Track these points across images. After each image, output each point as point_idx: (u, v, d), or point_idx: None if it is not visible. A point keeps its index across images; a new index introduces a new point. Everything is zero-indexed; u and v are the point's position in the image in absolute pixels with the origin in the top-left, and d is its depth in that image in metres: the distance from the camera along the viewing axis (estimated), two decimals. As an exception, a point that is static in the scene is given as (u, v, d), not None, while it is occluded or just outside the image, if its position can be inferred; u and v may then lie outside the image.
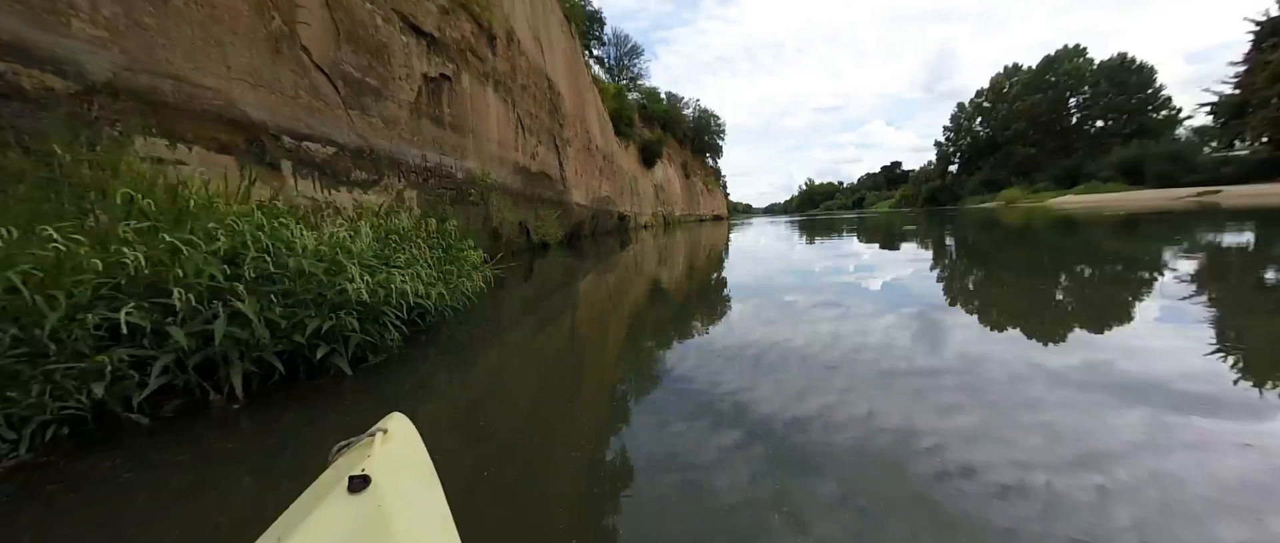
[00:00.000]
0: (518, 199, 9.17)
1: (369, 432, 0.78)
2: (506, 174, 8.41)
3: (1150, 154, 36.55)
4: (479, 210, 7.30)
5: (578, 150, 14.31)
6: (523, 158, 9.05)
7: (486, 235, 7.64)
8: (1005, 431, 1.35)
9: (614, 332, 2.98)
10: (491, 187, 7.70)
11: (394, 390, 2.02)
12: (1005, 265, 5.10)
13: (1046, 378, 1.73)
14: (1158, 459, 1.18)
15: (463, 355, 2.65)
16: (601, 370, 2.21)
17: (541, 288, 5.78)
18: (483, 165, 7.30)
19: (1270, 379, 1.67)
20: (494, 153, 7.81)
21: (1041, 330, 2.39)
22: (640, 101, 36.92)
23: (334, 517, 0.58)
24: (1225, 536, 0.91)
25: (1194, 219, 10.28)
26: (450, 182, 6.49)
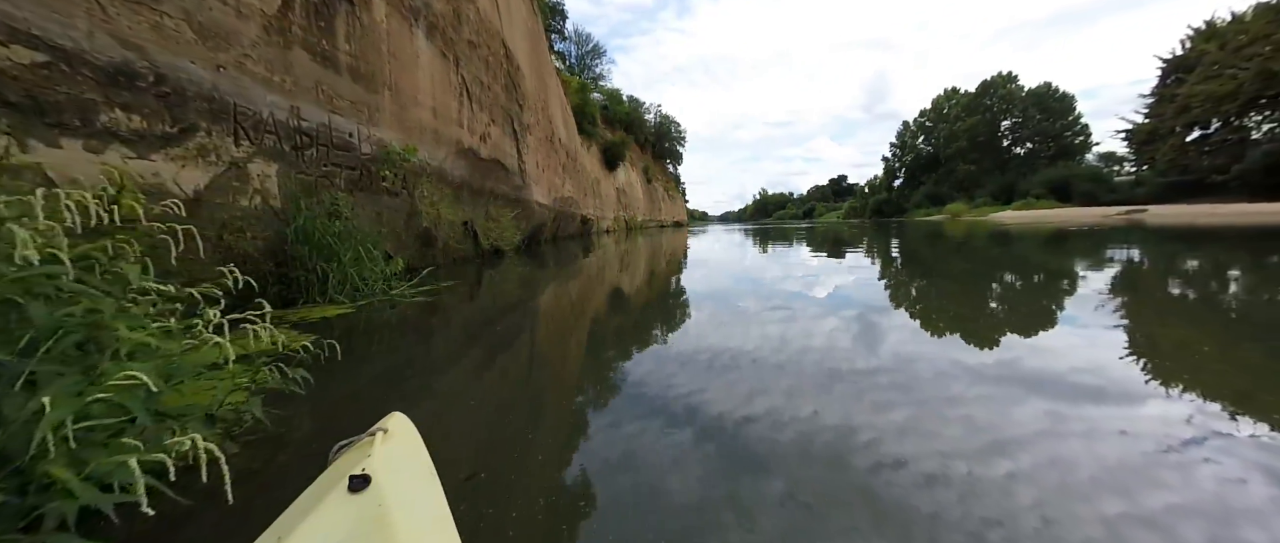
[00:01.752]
0: (461, 191, 6.92)
1: (369, 431, 0.76)
2: (445, 156, 6.15)
3: (1076, 174, 39.63)
4: (399, 202, 5.03)
5: (540, 141, 12.13)
6: (469, 137, 6.82)
7: (413, 238, 5.37)
8: (931, 424, 1.45)
9: (576, 350, 2.55)
10: (420, 170, 5.44)
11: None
12: (942, 274, 5.33)
13: (967, 375, 1.87)
14: (1054, 445, 1.32)
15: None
16: (562, 389, 1.92)
17: (490, 310, 3.81)
18: (406, 137, 5.05)
19: (1144, 373, 1.88)
20: (425, 124, 5.55)
21: (965, 332, 2.54)
22: (602, 102, 35.27)
23: (334, 516, 0.57)
24: (1106, 509, 1.03)
25: (1123, 234, 10.89)
26: (347, 156, 4.22)
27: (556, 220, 14.79)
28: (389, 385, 1.94)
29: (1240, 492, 1.10)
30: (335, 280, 3.53)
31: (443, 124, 5.97)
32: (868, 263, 6.60)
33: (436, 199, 5.73)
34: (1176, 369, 1.95)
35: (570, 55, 41.05)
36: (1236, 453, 1.26)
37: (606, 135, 32.26)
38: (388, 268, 4.18)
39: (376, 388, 1.91)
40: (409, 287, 4.02)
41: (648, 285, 5.02)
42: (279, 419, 1.53)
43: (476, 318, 3.46)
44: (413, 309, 3.51)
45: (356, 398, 1.82)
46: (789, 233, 19.04)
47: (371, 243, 3.97)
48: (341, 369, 2.02)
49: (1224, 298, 3.52)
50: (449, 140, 6.17)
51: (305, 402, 1.69)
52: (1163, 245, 7.79)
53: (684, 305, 3.72)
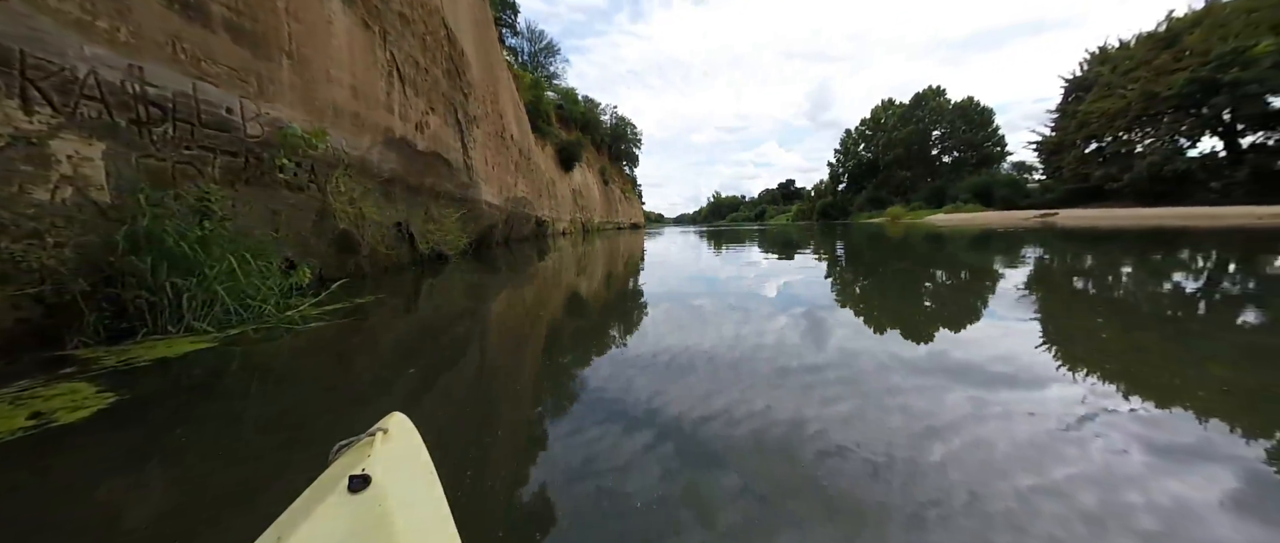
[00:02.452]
0: (393, 188, 5.95)
1: (369, 431, 0.77)
2: (370, 145, 5.19)
3: (997, 181, 43.35)
4: (305, 199, 4.08)
5: (489, 136, 11.16)
6: (402, 125, 5.87)
7: (326, 243, 4.42)
8: (873, 413, 1.54)
9: (531, 358, 2.39)
10: (335, 161, 4.49)
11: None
12: (881, 272, 5.61)
13: (902, 367, 1.98)
14: (976, 428, 1.44)
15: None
16: (517, 397, 1.84)
17: (431, 323, 3.23)
18: (314, 119, 4.11)
19: (1052, 359, 2.08)
20: (341, 104, 4.61)
21: (903, 327, 2.68)
22: (557, 101, 34.31)
23: (334, 517, 0.57)
24: (1020, 480, 1.15)
25: (1037, 235, 11.87)
26: (225, 138, 3.25)
27: (509, 222, 13.79)
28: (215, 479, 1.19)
29: (1123, 461, 1.24)
30: (196, 301, 2.61)
31: (366, 107, 5.02)
32: (816, 263, 6.75)
33: (357, 196, 4.79)
34: (1079, 355, 2.18)
35: (523, 52, 39.79)
36: (1121, 427, 1.42)
37: (562, 135, 31.39)
38: (286, 281, 3.27)
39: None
40: (310, 304, 3.15)
41: (607, 288, 4.88)
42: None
43: (411, 336, 2.73)
44: (323, 333, 2.67)
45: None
46: (742, 235, 19.36)
47: (257, 250, 3.06)
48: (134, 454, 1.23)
49: (1120, 291, 3.93)
50: (375, 127, 5.22)
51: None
52: (1070, 245, 8.50)
53: (643, 308, 3.62)
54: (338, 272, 4.79)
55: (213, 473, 1.26)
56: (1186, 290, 3.79)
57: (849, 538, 0.96)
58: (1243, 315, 2.86)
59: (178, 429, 1.50)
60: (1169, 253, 6.64)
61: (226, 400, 1.79)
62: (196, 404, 1.72)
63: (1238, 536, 0.96)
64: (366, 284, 4.90)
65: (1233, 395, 1.62)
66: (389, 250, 5.92)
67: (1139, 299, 3.47)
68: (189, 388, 1.89)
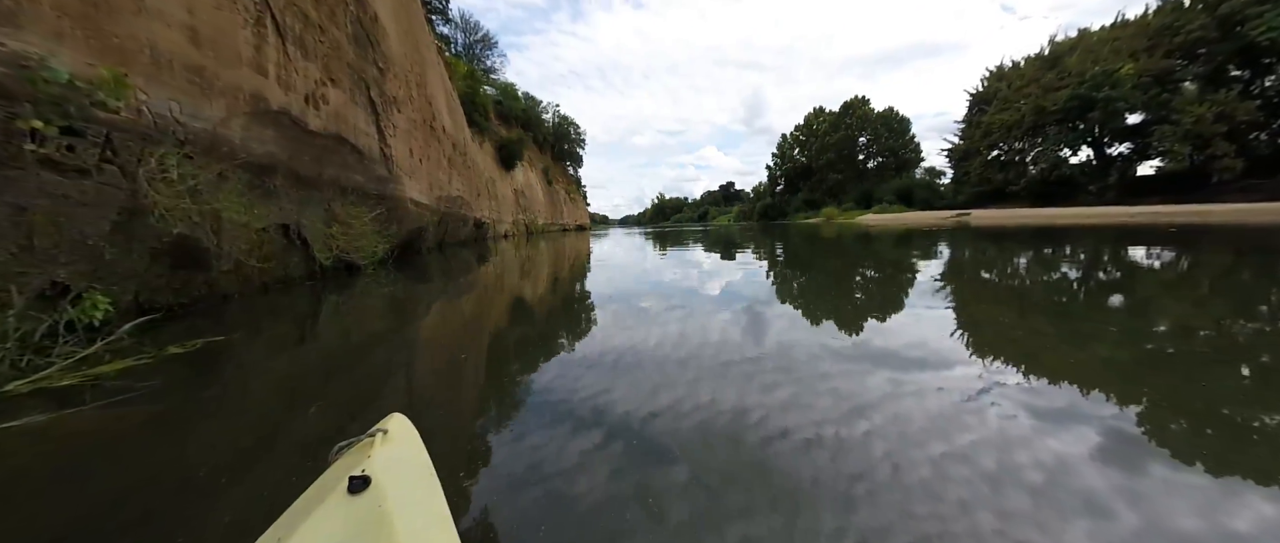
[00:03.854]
0: (271, 178, 4.44)
1: (369, 432, 0.76)
2: (226, 115, 3.71)
3: (917, 184, 47.23)
4: (98, 189, 2.61)
5: (415, 124, 9.53)
6: (281, 93, 4.38)
7: (146, 256, 2.96)
8: (807, 398, 1.64)
9: (472, 372, 2.18)
10: (155, 133, 3.02)
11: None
12: (815, 269, 5.93)
13: (832, 355, 2.11)
14: (895, 405, 1.56)
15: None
16: (458, 412, 1.73)
17: (326, 359, 2.36)
18: (107, 63, 2.63)
19: (954, 342, 2.28)
20: (167, 50, 3.14)
21: (831, 319, 2.87)
22: (496, 97, 32.24)
23: (334, 517, 0.56)
24: (933, 449, 1.28)
25: (954, 234, 12.93)
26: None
27: (442, 224, 12.11)
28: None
29: (1014, 425, 1.43)
30: None
31: (217, 61, 3.55)
32: (755, 262, 6.84)
33: (206, 187, 3.32)
34: (983, 337, 2.38)
35: (456, 43, 37.12)
36: (1012, 397, 1.61)
37: (501, 132, 29.48)
38: (2, 325, 1.89)
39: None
40: (60, 367, 1.81)
41: (553, 292, 4.72)
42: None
43: (280, 390, 1.79)
44: (77, 432, 1.39)
45: None
46: (686, 235, 19.44)
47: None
48: None
49: (1020, 281, 4.31)
50: (233, 90, 3.74)
51: None
52: (981, 241, 9.26)
53: (590, 310, 3.55)
54: (173, 296, 3.30)
55: None
56: (1073, 279, 4.27)
57: (790, 517, 1.00)
58: (1114, 298, 3.30)
59: None
60: (1059, 247, 7.36)
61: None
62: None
63: (1105, 481, 1.11)
64: (229, 311, 3.48)
65: (1110, 367, 1.84)
66: (268, 263, 4.40)
67: (1034, 288, 3.89)
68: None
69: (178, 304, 3.34)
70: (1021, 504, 1.04)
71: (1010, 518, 1.00)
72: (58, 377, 1.79)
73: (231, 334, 2.64)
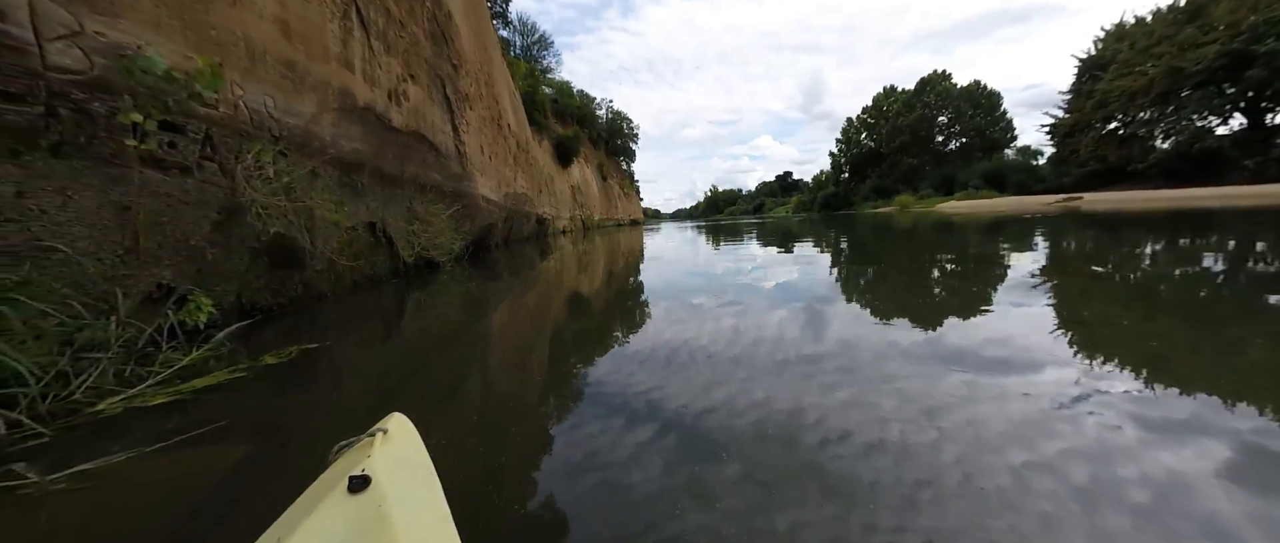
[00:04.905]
0: (358, 176, 4.40)
1: (369, 432, 0.76)
2: (316, 111, 3.62)
3: (1009, 166, 42.08)
4: (198, 186, 2.51)
5: (485, 122, 9.58)
6: (366, 89, 4.30)
7: (245, 254, 2.88)
8: (870, 398, 1.53)
9: (538, 361, 2.27)
10: (252, 128, 2.93)
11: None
12: (883, 262, 5.35)
13: (899, 354, 1.95)
14: (970, 409, 1.42)
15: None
16: (525, 382, 1.92)
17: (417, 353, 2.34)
18: (201, 54, 2.52)
19: (1047, 343, 2.02)
20: (261, 43, 3.04)
21: (900, 316, 2.63)
22: (553, 95, 32.78)
23: (334, 517, 0.56)
24: (1012, 457, 1.15)
25: (1055, 221, 10.91)
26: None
27: (508, 221, 12.23)
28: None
29: (1117, 436, 1.22)
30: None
31: (308, 55, 3.45)
32: (815, 254, 6.43)
33: (300, 185, 3.23)
34: (1088, 339, 2.07)
35: (515, 46, 38.32)
36: (1117, 406, 1.39)
37: (558, 130, 29.94)
38: (103, 333, 1.74)
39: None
40: (154, 381, 1.61)
41: (608, 287, 4.66)
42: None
43: (385, 399, 1.32)
44: (153, 474, 1.15)
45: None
46: (740, 229, 18.61)
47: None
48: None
49: (1141, 274, 3.67)
50: (323, 86, 3.65)
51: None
52: (1092, 230, 7.92)
53: (644, 305, 3.46)
54: (272, 296, 3.25)
55: None
56: (1219, 273, 3.45)
57: (845, 516, 0.95)
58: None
59: None
60: (1202, 235, 6.01)
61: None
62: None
63: (1234, 506, 0.94)
64: (324, 311, 3.40)
65: (1262, 375, 1.55)
66: (357, 261, 4.37)
67: (1161, 283, 3.27)
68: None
69: (277, 305, 3.29)
70: (1120, 524, 0.91)
71: (1106, 539, 0.87)
72: (151, 395, 1.61)
73: (326, 340, 2.45)
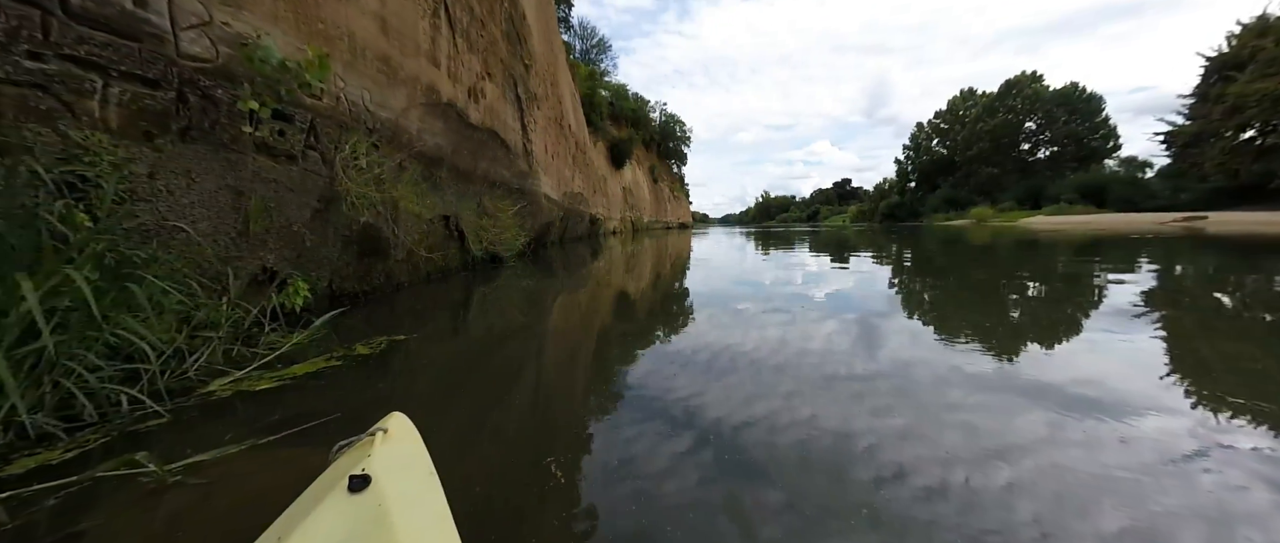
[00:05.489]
0: (437, 170, 4.50)
1: (369, 431, 0.76)
2: (406, 106, 3.72)
3: (1113, 179, 37.47)
4: (303, 174, 2.59)
5: (549, 121, 9.74)
6: (450, 85, 4.39)
7: (338, 242, 2.96)
8: (928, 429, 1.37)
9: (585, 360, 2.26)
10: (349, 120, 3.01)
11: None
12: (951, 279, 4.97)
13: (966, 381, 1.75)
14: (1052, 453, 1.23)
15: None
16: (568, 379, 1.91)
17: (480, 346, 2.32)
18: (313, 46, 2.60)
19: (1154, 384, 1.72)
20: (362, 38, 3.13)
21: (968, 339, 2.41)
22: (609, 98, 33.23)
23: (334, 516, 0.56)
24: (1105, 518, 0.99)
25: (1169, 244, 9.26)
26: (127, 47, 1.77)
27: (565, 219, 12.40)
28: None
29: (1243, 499, 1.04)
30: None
31: (401, 50, 3.54)
32: (873, 267, 6.00)
33: (386, 176, 3.30)
34: (1211, 383, 1.74)
35: (575, 49, 39.27)
36: (1245, 465, 1.18)
37: (613, 132, 30.28)
38: (216, 313, 1.77)
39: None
40: (259, 365, 1.60)
41: (654, 290, 4.59)
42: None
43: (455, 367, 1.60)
44: (256, 469, 1.10)
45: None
46: (792, 236, 17.85)
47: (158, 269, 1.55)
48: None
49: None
50: (412, 81, 3.74)
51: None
52: (1218, 255, 6.74)
53: (688, 310, 3.35)
54: (358, 283, 3.34)
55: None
56: None
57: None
58: None
59: None
60: None
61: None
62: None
63: None
64: (401, 301, 3.46)
65: None
66: (433, 253, 4.47)
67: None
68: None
69: (361, 292, 3.39)
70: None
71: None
72: (256, 380, 1.61)
73: (410, 331, 2.44)
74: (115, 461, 1.01)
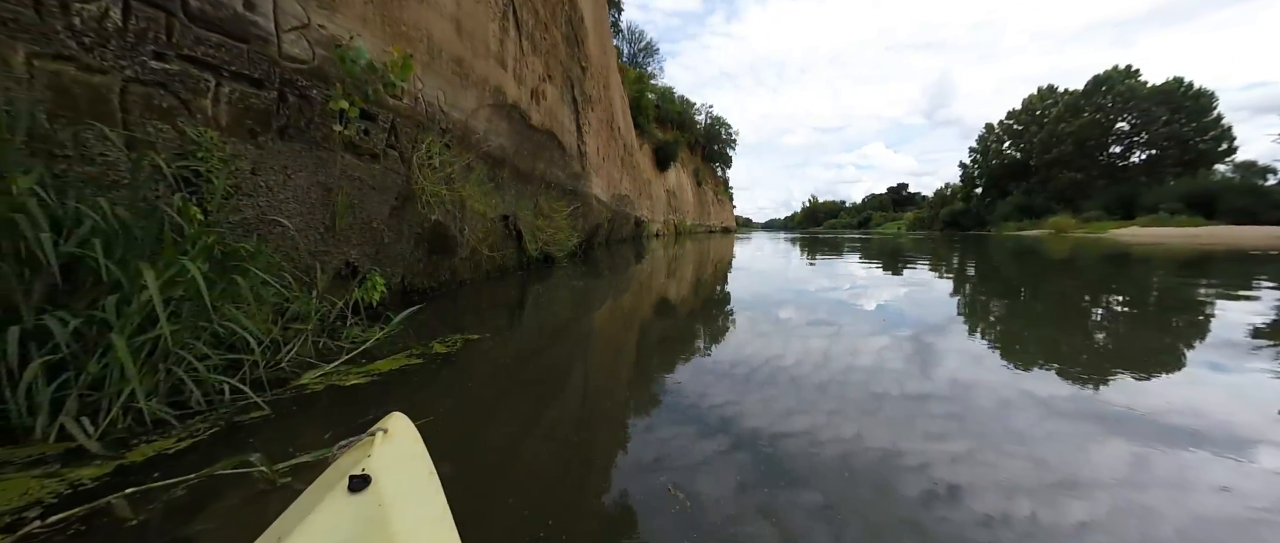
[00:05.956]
0: (500, 170, 4.56)
1: (369, 431, 0.76)
2: (476, 107, 3.78)
3: (1227, 187, 32.98)
4: (381, 173, 2.66)
5: (601, 123, 9.80)
6: (515, 87, 4.44)
7: (411, 239, 3.02)
8: (989, 457, 1.25)
9: (626, 363, 2.22)
10: (425, 120, 3.07)
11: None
12: (1022, 294, 4.50)
13: (1035, 406, 1.60)
14: (1137, 494, 1.11)
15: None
16: (616, 381, 1.88)
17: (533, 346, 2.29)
18: (396, 48, 2.66)
19: (1269, 420, 1.52)
20: (439, 40, 3.19)
21: (1041, 362, 2.18)
22: (655, 101, 33.24)
23: (334, 516, 0.56)
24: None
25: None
26: (238, 52, 1.85)
27: (612, 221, 12.43)
28: None
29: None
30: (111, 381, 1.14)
31: (473, 52, 3.61)
32: (931, 278, 5.51)
33: (455, 175, 3.36)
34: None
35: (623, 53, 39.66)
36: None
37: (659, 134, 30.26)
38: (301, 306, 1.80)
39: None
40: (346, 360, 1.60)
41: (695, 294, 4.43)
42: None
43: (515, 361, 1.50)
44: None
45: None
46: (841, 243, 16.80)
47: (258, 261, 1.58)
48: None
49: None
50: (482, 83, 3.80)
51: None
52: None
53: (728, 315, 3.24)
54: (427, 279, 3.42)
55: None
56: None
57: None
58: None
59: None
60: None
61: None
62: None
63: None
64: (464, 297, 3.50)
65: None
66: (492, 252, 4.54)
67: None
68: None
69: (429, 289, 3.46)
70: None
71: None
72: (344, 375, 1.61)
73: (485, 333, 2.41)
74: (232, 460, 1.00)
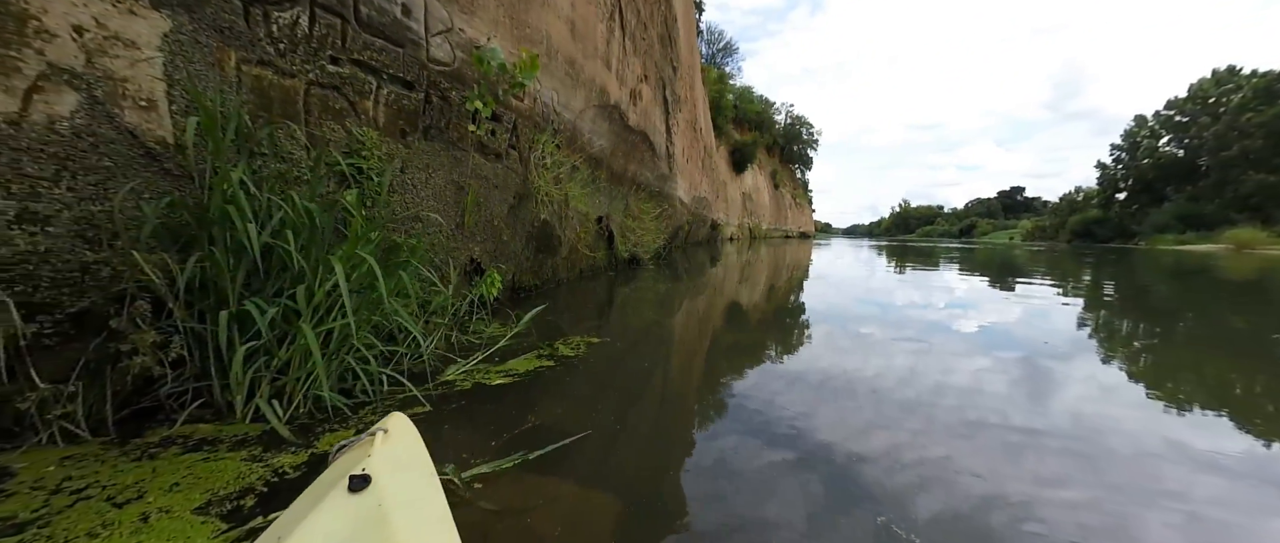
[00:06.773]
0: (599, 171, 4.58)
1: (369, 431, 0.76)
2: (583, 108, 3.80)
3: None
4: (504, 171, 2.72)
5: (686, 124, 9.65)
6: (617, 88, 4.43)
7: (524, 237, 3.08)
8: (1119, 506, 1.05)
9: (698, 368, 2.15)
10: (541, 120, 3.11)
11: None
12: (1178, 320, 3.88)
13: (1185, 459, 1.31)
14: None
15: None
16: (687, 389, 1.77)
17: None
18: (521, 51, 2.71)
19: None
20: (557, 42, 3.23)
21: (1197, 401, 1.81)
22: (734, 101, 32.38)
23: (334, 516, 0.56)
24: None
25: None
26: (394, 55, 1.94)
27: (690, 224, 12.23)
28: None
29: None
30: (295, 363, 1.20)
31: (584, 53, 3.62)
32: (1052, 295, 4.75)
33: (564, 175, 3.38)
34: None
35: (702, 54, 39.20)
36: None
37: (736, 136, 29.45)
38: (442, 300, 1.83)
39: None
40: (482, 358, 1.59)
41: (773, 302, 4.18)
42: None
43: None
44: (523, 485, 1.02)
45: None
46: (937, 253, 14.78)
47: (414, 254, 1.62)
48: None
49: None
50: (589, 84, 3.81)
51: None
52: None
53: (805, 326, 3.04)
54: (532, 277, 3.48)
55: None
56: None
57: None
58: None
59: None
60: None
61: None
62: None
63: None
64: (562, 296, 3.51)
65: None
66: (588, 252, 4.57)
67: None
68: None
69: (533, 286, 3.53)
70: None
71: None
72: (487, 374, 1.61)
73: (605, 337, 2.33)
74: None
